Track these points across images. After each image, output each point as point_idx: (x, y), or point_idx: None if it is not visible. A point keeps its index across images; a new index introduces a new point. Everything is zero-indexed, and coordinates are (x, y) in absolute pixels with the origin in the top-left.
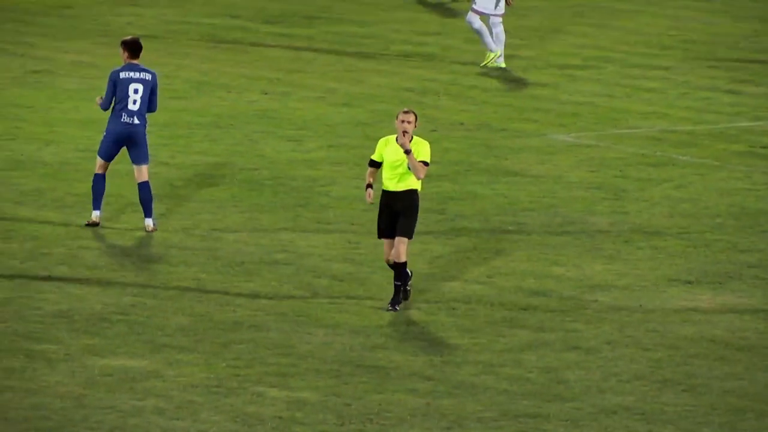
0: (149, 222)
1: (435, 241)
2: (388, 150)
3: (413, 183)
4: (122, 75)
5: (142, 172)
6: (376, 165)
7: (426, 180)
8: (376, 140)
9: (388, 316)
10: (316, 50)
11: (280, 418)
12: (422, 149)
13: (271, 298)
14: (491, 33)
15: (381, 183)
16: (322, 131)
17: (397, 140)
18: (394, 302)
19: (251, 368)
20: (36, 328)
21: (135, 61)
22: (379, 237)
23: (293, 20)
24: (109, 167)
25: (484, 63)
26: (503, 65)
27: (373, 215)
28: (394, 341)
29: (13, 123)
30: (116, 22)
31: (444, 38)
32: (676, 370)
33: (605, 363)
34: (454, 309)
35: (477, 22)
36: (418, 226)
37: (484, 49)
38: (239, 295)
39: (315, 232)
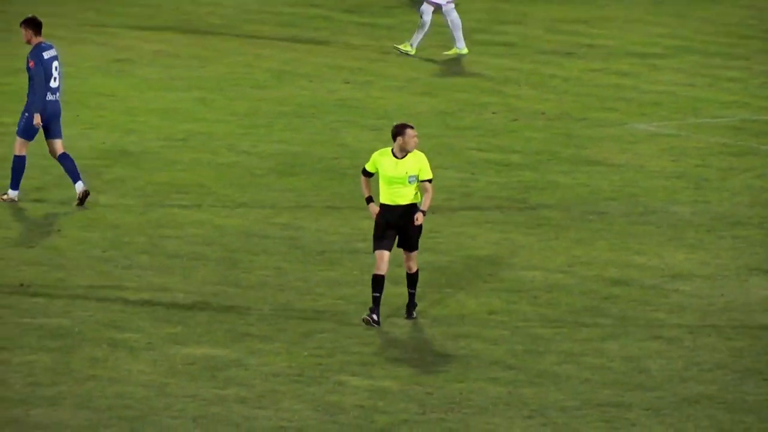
0: (80, 185)
1: (516, 231)
2: (385, 165)
3: (412, 197)
4: (45, 55)
5: (59, 145)
6: (369, 175)
7: (507, 169)
8: (458, 129)
9: (471, 304)
10: (396, 40)
11: (362, 407)
12: (423, 165)
13: (352, 287)
14: (447, 23)
15: (378, 195)
16: (404, 120)
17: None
18: (410, 309)
19: (333, 357)
20: (118, 317)
21: (41, 39)
22: (375, 249)
23: (374, 9)
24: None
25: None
26: (465, 51)
27: (454, 205)
28: (476, 330)
29: (96, 112)
30: (197, 12)
31: (524, 27)
32: (758, 359)
33: (687, 352)
34: (536, 298)
35: (428, 15)
36: (498, 216)
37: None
38: (320, 284)
39: None
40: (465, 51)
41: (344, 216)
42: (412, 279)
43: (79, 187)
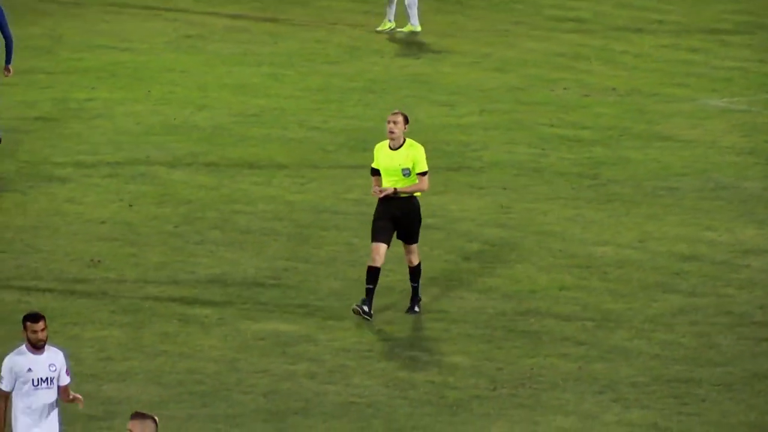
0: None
1: (587, 206)
2: (381, 157)
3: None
4: None
5: None
6: (378, 173)
7: (578, 145)
8: (529, 105)
9: (542, 280)
10: (468, 15)
11: (433, 382)
12: (417, 156)
13: (422, 263)
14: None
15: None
16: (475, 96)
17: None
18: (414, 303)
19: (403, 333)
20: (190, 293)
21: None
22: (373, 240)
23: None
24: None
25: (381, 28)
26: (418, 29)
27: (525, 181)
28: (547, 306)
29: (168, 87)
30: None
31: (595, 3)
32: None
33: (758, 328)
34: (606, 273)
35: None
36: (569, 191)
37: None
38: (390, 259)
39: (467, 196)
40: (418, 29)
41: None
42: (413, 272)
43: None
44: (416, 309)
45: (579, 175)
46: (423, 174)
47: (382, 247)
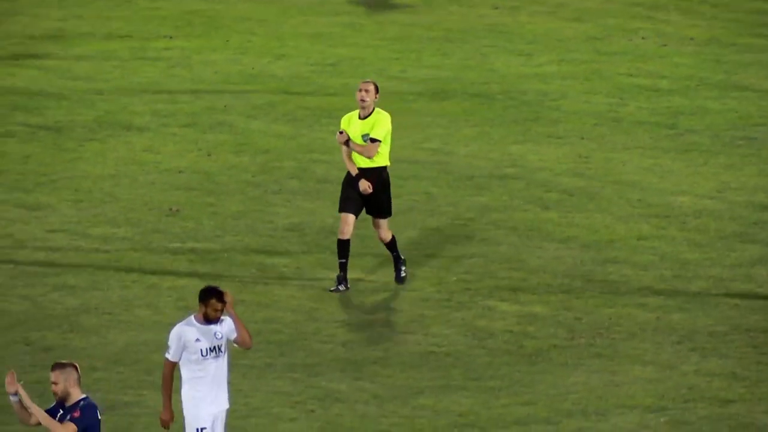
0: None
1: (665, 156)
2: (350, 125)
3: (380, 160)
4: None
5: None
6: (348, 143)
7: (656, 94)
8: (607, 55)
9: (620, 230)
10: None
11: (511, 332)
12: (377, 124)
13: (501, 212)
14: None
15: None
16: (553, 45)
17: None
18: (398, 270)
19: (482, 282)
20: (268, 242)
21: None
22: (340, 211)
23: None
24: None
25: None
26: None
27: (604, 130)
28: (625, 255)
29: (245, 37)
30: None
31: None
32: None
33: None
34: (684, 223)
35: None
36: (648, 141)
37: None
38: (470, 208)
39: (545, 146)
40: None
41: (494, 141)
42: (388, 246)
43: None
44: (402, 274)
45: (657, 124)
46: (374, 141)
47: (350, 217)
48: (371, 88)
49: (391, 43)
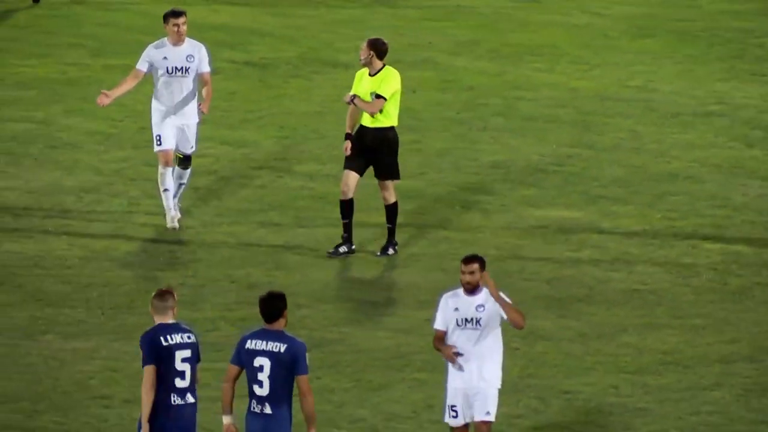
0: None
1: None
2: (360, 82)
3: (384, 120)
4: None
5: None
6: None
7: None
8: None
9: None
10: None
11: (715, 269)
12: (384, 81)
13: (706, 150)
14: None
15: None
16: None
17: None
18: (387, 245)
19: (686, 220)
20: (472, 179)
21: None
22: (345, 168)
23: None
24: None
25: None
26: None
27: None
28: None
29: None
30: None
31: None
32: None
33: None
34: None
35: None
36: None
37: None
38: (674, 146)
39: (750, 84)
40: None
41: (698, 78)
42: (388, 211)
43: None
44: (388, 251)
45: None
46: (378, 97)
47: (351, 175)
48: (364, 45)
49: None
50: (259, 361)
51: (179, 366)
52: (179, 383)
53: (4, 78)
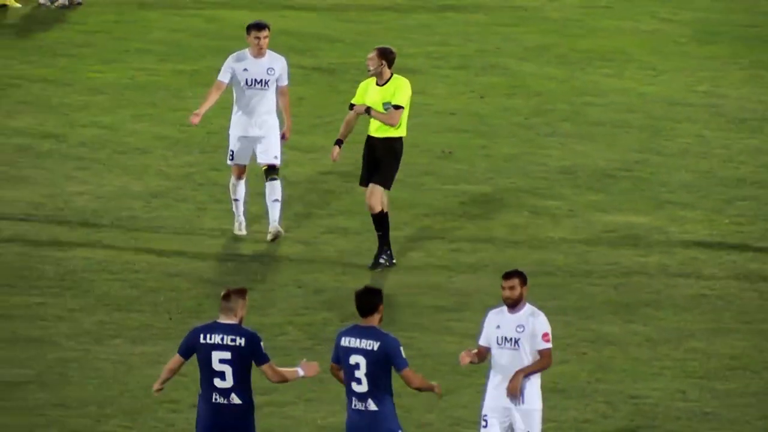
0: None
1: None
2: (368, 91)
3: (394, 131)
4: None
5: None
6: (353, 108)
7: None
8: None
9: None
10: None
11: None
12: (397, 90)
13: None
14: None
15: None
16: None
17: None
18: (378, 255)
19: (754, 225)
20: (540, 184)
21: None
22: (360, 184)
23: None
24: None
25: None
26: None
27: None
28: None
29: None
30: None
31: None
32: None
33: None
34: None
35: None
36: None
37: None
38: (742, 151)
39: None
40: None
41: (766, 83)
42: (375, 221)
43: None
44: (381, 262)
45: None
46: (396, 107)
47: (368, 189)
48: (373, 54)
49: None
50: (354, 359)
51: (216, 366)
52: (219, 383)
53: (74, 83)
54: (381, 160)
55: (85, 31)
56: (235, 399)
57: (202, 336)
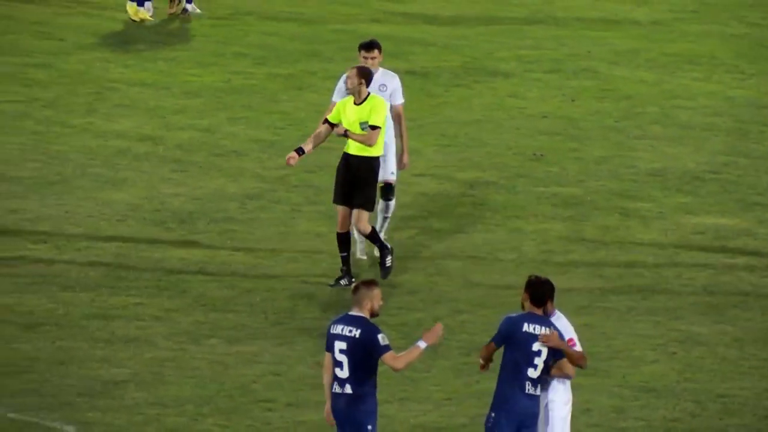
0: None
1: None
2: (346, 110)
3: (372, 150)
4: None
5: None
6: (329, 124)
7: None
8: None
9: None
10: None
11: None
12: (373, 110)
13: None
14: None
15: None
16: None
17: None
18: (382, 260)
19: None
20: (630, 186)
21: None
22: (334, 201)
23: None
24: None
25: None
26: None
27: None
28: None
29: None
30: None
31: None
32: None
33: None
34: None
35: None
36: None
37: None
38: None
39: None
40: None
41: None
42: (371, 239)
43: None
44: (387, 263)
45: None
46: (373, 128)
47: (340, 209)
48: (352, 73)
49: None
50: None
51: (338, 356)
52: (339, 373)
53: (171, 86)
54: (359, 181)
55: (183, 36)
56: (348, 389)
57: (332, 327)
